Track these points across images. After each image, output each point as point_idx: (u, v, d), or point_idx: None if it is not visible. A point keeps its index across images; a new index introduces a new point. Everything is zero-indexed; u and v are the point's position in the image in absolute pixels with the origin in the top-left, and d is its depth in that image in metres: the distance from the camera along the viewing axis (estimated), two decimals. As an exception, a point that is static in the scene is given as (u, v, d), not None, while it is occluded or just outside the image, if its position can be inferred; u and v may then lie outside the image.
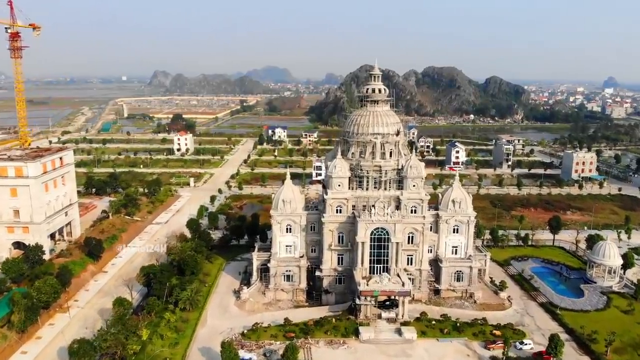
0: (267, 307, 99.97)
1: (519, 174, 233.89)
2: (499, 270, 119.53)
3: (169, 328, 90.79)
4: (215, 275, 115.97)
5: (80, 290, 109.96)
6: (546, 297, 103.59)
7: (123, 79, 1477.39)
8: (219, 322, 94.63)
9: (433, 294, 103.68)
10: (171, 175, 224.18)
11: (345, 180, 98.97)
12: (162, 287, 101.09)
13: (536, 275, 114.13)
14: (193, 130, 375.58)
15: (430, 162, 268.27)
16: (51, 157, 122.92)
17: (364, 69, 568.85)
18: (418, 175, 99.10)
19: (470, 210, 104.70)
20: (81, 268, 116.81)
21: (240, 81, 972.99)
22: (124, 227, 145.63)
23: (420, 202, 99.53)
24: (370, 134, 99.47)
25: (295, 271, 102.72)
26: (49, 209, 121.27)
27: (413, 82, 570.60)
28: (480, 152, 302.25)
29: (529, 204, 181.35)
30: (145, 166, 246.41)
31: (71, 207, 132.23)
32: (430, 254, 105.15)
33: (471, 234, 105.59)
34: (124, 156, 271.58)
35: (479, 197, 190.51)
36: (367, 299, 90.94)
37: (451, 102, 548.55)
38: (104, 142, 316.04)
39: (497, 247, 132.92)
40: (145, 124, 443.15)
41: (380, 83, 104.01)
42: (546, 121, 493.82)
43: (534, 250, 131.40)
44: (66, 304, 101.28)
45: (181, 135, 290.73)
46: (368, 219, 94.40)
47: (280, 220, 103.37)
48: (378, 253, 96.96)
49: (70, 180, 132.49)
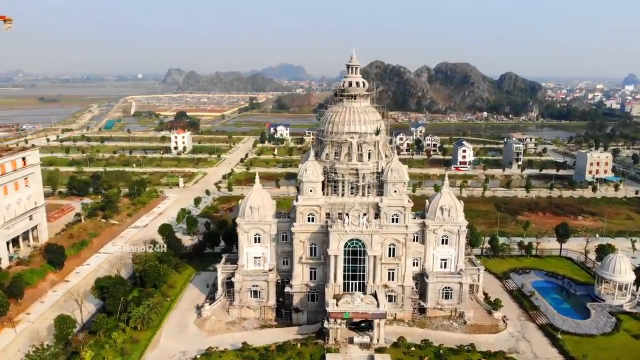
0: (229, 327, 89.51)
1: (529, 174, 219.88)
2: (496, 284, 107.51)
3: (114, 350, 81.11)
4: (182, 287, 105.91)
5: (35, 302, 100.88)
6: (547, 318, 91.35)
7: (139, 77, 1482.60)
8: (173, 343, 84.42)
9: (418, 312, 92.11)
10: (162, 175, 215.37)
11: (317, 184, 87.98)
12: (116, 302, 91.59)
13: (537, 291, 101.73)
14: (196, 128, 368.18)
15: (436, 161, 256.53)
16: (11, 157, 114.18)
17: (374, 65, 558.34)
18: (400, 180, 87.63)
19: (461, 218, 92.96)
20: (39, 277, 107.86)
21: (252, 78, 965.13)
22: (97, 232, 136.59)
23: (403, 210, 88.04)
24: (346, 133, 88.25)
25: (263, 286, 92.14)
26: (8, 213, 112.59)
27: (425, 79, 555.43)
28: (491, 151, 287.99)
29: (537, 207, 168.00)
30: (138, 165, 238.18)
31: (36, 210, 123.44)
32: (416, 267, 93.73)
33: (462, 246, 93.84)
34: (119, 155, 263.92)
35: (484, 200, 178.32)
36: (336, 322, 80.00)
37: (464, 99, 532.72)
38: (101, 140, 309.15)
39: (497, 258, 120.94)
40: (150, 122, 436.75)
41: (359, 76, 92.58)
42: (562, 119, 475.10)
43: (538, 261, 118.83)
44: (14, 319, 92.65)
45: (178, 133, 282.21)
46: (341, 229, 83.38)
47: (247, 229, 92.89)
48: (353, 267, 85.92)
49: (35, 182, 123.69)
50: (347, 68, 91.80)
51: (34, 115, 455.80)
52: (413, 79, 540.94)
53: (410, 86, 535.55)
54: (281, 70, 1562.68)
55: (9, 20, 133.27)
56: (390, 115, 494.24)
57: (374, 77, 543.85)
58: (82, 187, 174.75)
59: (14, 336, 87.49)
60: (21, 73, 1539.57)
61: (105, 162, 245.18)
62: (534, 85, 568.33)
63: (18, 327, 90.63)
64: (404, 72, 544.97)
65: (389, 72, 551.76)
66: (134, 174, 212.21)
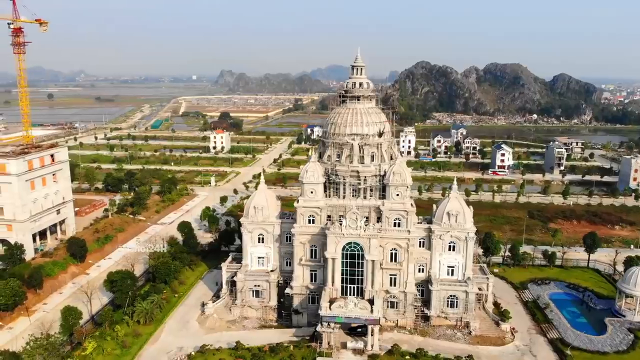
0: (230, 325, 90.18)
1: (570, 180, 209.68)
2: (512, 294, 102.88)
3: (115, 342, 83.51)
4: (192, 284, 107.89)
5: (53, 293, 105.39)
6: (559, 332, 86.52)
7: (193, 78, 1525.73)
8: (173, 339, 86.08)
9: (422, 320, 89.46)
10: (197, 174, 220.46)
11: (318, 186, 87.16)
12: (124, 296, 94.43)
13: (554, 303, 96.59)
14: (238, 129, 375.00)
15: (473, 165, 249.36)
16: (39, 154, 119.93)
17: (420, 65, 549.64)
18: (402, 183, 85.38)
19: (470, 225, 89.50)
20: (61, 269, 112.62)
21: (299, 80, 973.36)
22: (123, 227, 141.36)
23: (405, 214, 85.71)
24: (347, 135, 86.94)
25: (264, 286, 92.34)
26: (35, 207, 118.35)
27: (473, 80, 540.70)
28: (535, 156, 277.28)
29: (572, 215, 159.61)
30: (176, 164, 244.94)
31: (64, 205, 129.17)
32: (422, 273, 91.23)
33: (470, 253, 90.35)
34: (159, 153, 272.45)
35: (516, 206, 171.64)
36: (330, 325, 78.90)
37: (514, 101, 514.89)
38: (145, 139, 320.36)
39: (518, 267, 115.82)
40: (196, 122, 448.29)
41: (364, 76, 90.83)
42: (617, 123, 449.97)
43: (561, 272, 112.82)
44: (31, 308, 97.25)
45: (217, 133, 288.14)
46: (338, 232, 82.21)
47: (251, 229, 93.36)
48: (351, 271, 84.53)
49: (64, 178, 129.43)
50: (352, 69, 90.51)
51: (88, 114, 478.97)
52: (460, 80, 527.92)
53: (457, 87, 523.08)
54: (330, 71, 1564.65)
55: (45, 24, 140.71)
56: (434, 116, 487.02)
57: (419, 78, 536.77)
58: (116, 183, 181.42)
59: (27, 325, 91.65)
60: (83, 73, 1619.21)
61: (145, 160, 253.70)
62: (589, 87, 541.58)
63: (33, 316, 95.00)
64: (450, 73, 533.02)
65: (435, 72, 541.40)
66: (170, 172, 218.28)
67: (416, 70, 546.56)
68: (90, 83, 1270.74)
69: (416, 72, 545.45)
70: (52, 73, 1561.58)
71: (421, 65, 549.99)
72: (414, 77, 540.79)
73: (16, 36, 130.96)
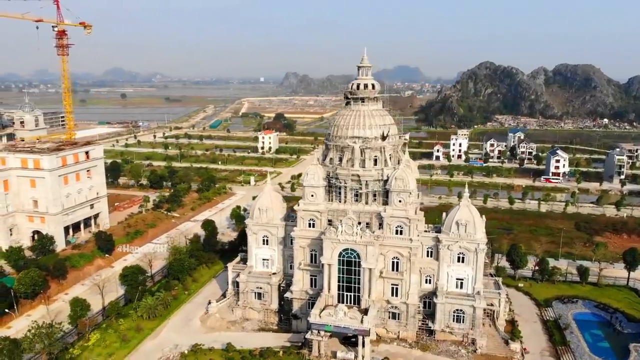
0: (230, 325, 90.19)
1: (630, 190, 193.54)
2: (533, 312, 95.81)
3: (117, 335, 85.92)
4: (205, 282, 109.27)
5: (76, 284, 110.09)
6: (574, 356, 79.44)
7: (261, 80, 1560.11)
8: (173, 335, 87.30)
9: (427, 334, 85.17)
10: (241, 173, 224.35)
11: (319, 189, 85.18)
12: (134, 291, 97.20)
13: (576, 324, 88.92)
14: (291, 130, 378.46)
15: (525, 171, 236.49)
16: (73, 151, 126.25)
17: (484, 65, 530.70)
18: (404, 189, 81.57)
19: (480, 235, 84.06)
20: (87, 261, 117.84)
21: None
22: (155, 223, 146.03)
23: (407, 222, 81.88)
24: (349, 137, 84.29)
25: (266, 289, 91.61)
26: (68, 201, 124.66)
27: (541, 81, 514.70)
28: (597, 163, 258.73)
29: (623, 228, 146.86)
30: (223, 163, 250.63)
31: (98, 200, 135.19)
32: (429, 284, 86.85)
33: (480, 265, 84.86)
34: (210, 152, 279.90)
35: (563, 216, 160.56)
36: (320, 334, 76.78)
37: (584, 104, 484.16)
38: (200, 139, 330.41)
39: (546, 282, 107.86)
40: (254, 123, 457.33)
41: (370, 77, 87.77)
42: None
43: (593, 290, 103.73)
44: (52, 297, 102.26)
45: (266, 134, 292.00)
46: (334, 237, 79.89)
47: (255, 231, 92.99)
48: (348, 279, 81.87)
49: (98, 174, 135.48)
50: (357, 69, 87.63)
51: (155, 114, 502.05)
52: (526, 81, 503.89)
53: (522, 89, 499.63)
54: (397, 72, 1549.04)
55: (89, 27, 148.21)
56: (496, 119, 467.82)
57: (482, 79, 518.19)
58: (158, 180, 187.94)
59: (44, 313, 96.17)
60: (159, 75, 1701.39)
61: (195, 158, 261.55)
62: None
63: (52, 305, 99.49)
64: (516, 74, 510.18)
65: (500, 73, 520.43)
66: (215, 171, 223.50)
67: (479, 71, 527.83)
68: (164, 84, 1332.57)
69: (479, 72, 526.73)
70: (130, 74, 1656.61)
71: (485, 66, 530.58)
72: (476, 78, 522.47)
73: (60, 38, 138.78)
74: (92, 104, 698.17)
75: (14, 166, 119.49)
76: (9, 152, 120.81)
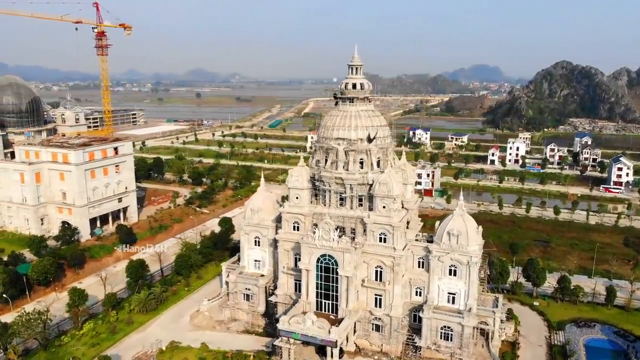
0: (216, 325, 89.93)
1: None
2: (542, 334, 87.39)
3: (106, 326, 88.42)
4: (208, 279, 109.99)
5: (92, 274, 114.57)
6: (571, 388, 71.32)
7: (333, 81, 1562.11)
8: (160, 331, 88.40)
9: (413, 350, 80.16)
10: (283, 172, 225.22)
11: (303, 192, 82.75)
12: (136, 284, 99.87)
13: (585, 352, 79.91)
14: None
15: (586, 179, 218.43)
16: (101, 147, 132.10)
17: (560, 65, 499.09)
18: (388, 195, 77.00)
19: (473, 247, 77.83)
20: (106, 253, 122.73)
21: (433, 80, 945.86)
22: (182, 218, 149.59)
23: (391, 229, 77.35)
24: (334, 139, 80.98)
25: (254, 291, 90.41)
26: (94, 195, 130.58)
27: (623, 82, 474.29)
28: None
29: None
30: (269, 162, 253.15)
31: (126, 194, 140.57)
32: (419, 297, 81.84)
33: (474, 280, 78.55)
34: (259, 151, 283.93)
35: (613, 230, 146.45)
36: (288, 341, 74.38)
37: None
38: (255, 137, 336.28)
39: (567, 302, 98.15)
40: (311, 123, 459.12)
41: (361, 76, 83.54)
42: None
43: (618, 314, 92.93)
44: (66, 285, 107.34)
45: (314, 133, 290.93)
46: (311, 242, 77.04)
47: (248, 231, 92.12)
48: (326, 286, 78.63)
49: (127, 170, 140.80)
50: (349, 68, 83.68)
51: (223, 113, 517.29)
52: (606, 82, 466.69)
53: (601, 90, 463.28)
54: (474, 71, 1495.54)
55: (129, 28, 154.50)
56: (570, 122, 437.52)
57: (558, 79, 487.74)
58: (196, 177, 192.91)
59: (53, 300, 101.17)
60: (237, 75, 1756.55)
61: (244, 157, 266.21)
62: None
63: (63, 293, 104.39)
64: (595, 75, 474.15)
65: (577, 73, 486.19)
66: (259, 170, 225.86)
67: (555, 71, 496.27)
68: (240, 84, 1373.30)
69: (555, 72, 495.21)
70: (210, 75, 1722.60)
71: (561, 66, 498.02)
72: (552, 78, 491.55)
73: (99, 39, 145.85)
74: (168, 103, 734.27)
75: (46, 160, 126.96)
76: (43, 146, 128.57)
